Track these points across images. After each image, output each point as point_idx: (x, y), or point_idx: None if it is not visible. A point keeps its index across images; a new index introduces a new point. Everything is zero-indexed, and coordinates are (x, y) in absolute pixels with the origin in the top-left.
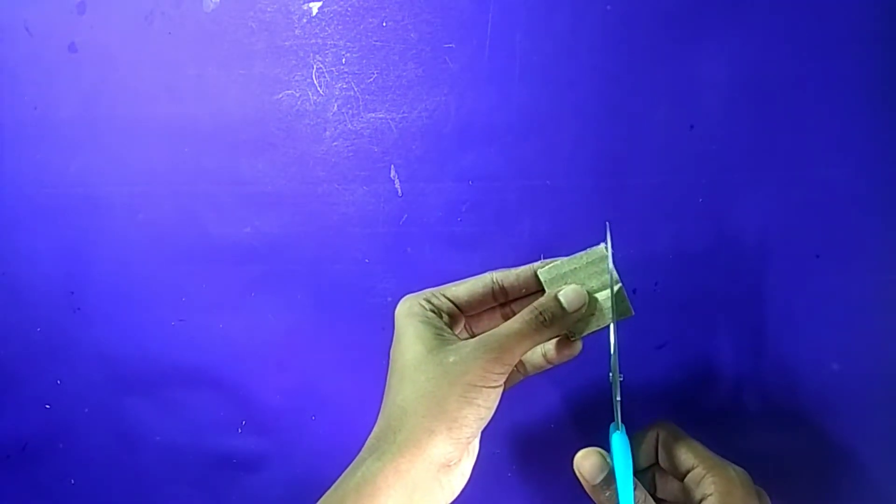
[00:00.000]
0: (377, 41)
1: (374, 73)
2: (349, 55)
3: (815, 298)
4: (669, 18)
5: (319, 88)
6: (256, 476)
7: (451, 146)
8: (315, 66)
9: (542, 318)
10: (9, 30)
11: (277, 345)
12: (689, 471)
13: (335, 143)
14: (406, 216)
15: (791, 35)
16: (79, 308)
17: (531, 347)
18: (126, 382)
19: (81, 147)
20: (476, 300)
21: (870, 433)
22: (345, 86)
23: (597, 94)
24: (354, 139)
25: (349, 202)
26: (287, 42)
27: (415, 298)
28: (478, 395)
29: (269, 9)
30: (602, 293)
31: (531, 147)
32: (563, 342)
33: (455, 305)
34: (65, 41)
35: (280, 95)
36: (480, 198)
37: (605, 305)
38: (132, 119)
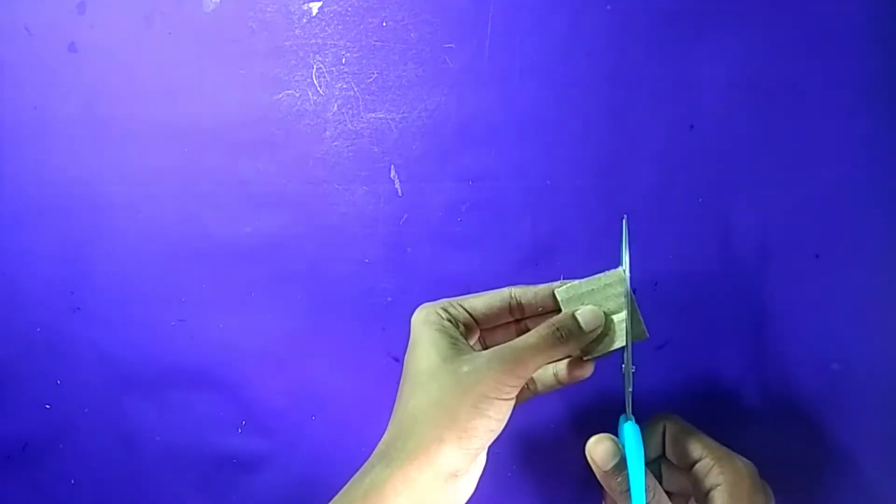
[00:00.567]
0: (377, 41)
1: (374, 73)
2: (349, 55)
3: (815, 298)
4: (669, 18)
5: (319, 88)
6: (256, 476)
7: (451, 146)
8: (315, 66)
9: (559, 335)
10: (9, 30)
11: (277, 345)
12: (697, 462)
13: (335, 143)
14: (406, 216)
15: (791, 35)
16: (79, 308)
17: (545, 363)
18: (126, 382)
19: (81, 147)
20: (493, 314)
21: (870, 433)
22: (345, 86)
23: (597, 94)
24: (354, 139)
25: (349, 202)
26: (287, 42)
27: (432, 307)
28: (489, 407)
29: (269, 9)
30: (618, 315)
31: (531, 147)
32: (575, 363)
33: (472, 317)
34: (65, 41)
35: (280, 95)
36: (480, 198)
37: (620, 328)
38: (132, 119)
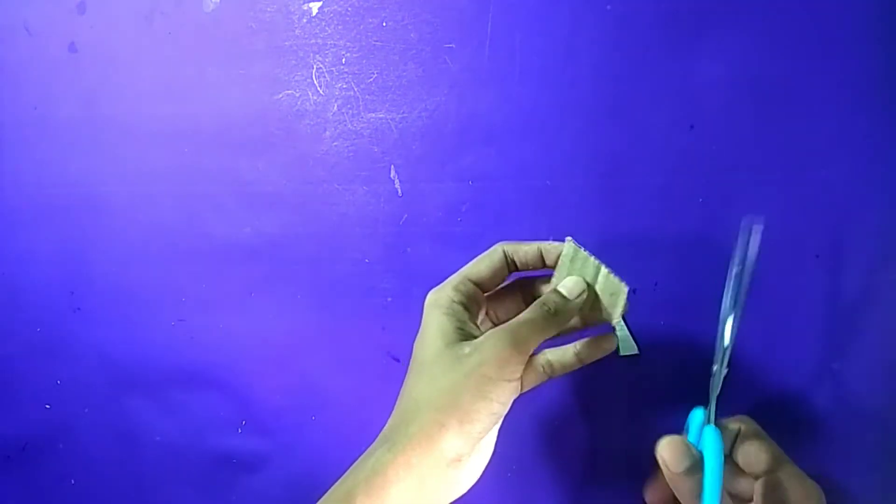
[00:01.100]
0: (377, 41)
1: (374, 73)
2: (349, 55)
3: (815, 298)
4: (669, 18)
5: (319, 88)
6: (256, 476)
7: (451, 146)
8: (315, 66)
9: (548, 308)
10: (9, 30)
11: (277, 345)
12: (766, 472)
13: (335, 143)
14: (406, 216)
15: (791, 35)
16: (79, 308)
17: (542, 339)
18: (126, 382)
19: (81, 147)
20: (497, 275)
21: (870, 433)
22: (345, 86)
23: (597, 94)
24: (354, 139)
25: (349, 202)
26: (287, 42)
27: (443, 289)
28: (492, 389)
29: (269, 9)
30: (601, 276)
31: (531, 147)
32: (598, 338)
33: (479, 287)
34: (65, 41)
35: (280, 95)
36: (480, 198)
37: (608, 285)
38: (132, 119)
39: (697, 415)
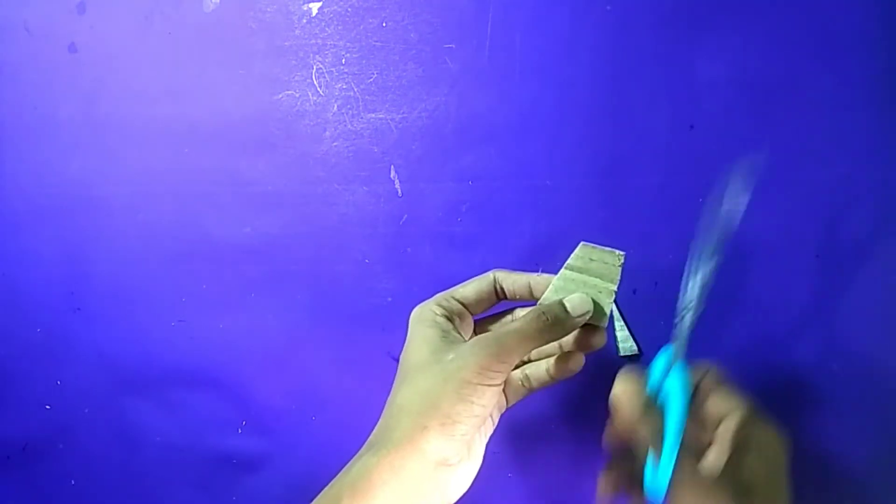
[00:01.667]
0: (377, 41)
1: (374, 73)
2: (349, 55)
3: (815, 298)
4: (669, 18)
5: (319, 88)
6: (256, 476)
7: (451, 146)
8: (315, 66)
9: (546, 319)
10: (9, 30)
11: (277, 345)
12: (730, 417)
13: (335, 143)
14: (406, 216)
15: (791, 35)
16: (79, 308)
17: (531, 349)
18: (126, 383)
19: (81, 147)
20: (484, 298)
21: (870, 433)
22: (345, 86)
23: (597, 94)
24: (354, 139)
25: (349, 202)
26: (287, 42)
27: (427, 304)
28: (472, 393)
29: (269, 9)
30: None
31: (531, 147)
32: (564, 357)
33: (464, 307)
34: (65, 41)
35: (280, 95)
36: (480, 198)
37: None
38: (132, 119)
39: (663, 358)
